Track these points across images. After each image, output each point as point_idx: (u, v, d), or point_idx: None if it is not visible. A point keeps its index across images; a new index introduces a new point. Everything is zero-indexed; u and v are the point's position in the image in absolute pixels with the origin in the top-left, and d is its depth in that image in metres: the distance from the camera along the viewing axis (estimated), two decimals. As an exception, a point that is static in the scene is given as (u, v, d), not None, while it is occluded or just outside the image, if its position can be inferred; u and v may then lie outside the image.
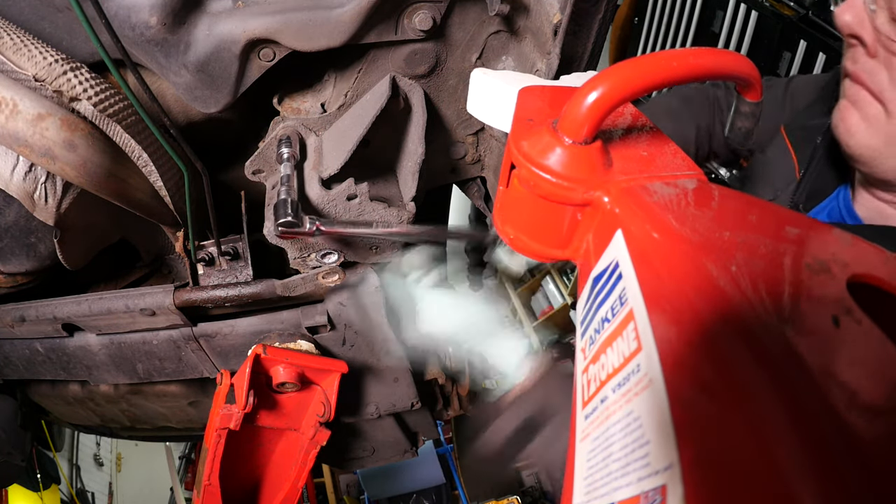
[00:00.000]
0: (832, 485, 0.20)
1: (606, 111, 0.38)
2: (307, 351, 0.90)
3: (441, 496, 3.96)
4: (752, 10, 2.52)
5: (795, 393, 0.23)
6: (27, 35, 0.66)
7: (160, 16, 0.65)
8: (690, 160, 0.44)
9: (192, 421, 1.19)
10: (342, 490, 4.13)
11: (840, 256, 0.30)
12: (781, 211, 0.38)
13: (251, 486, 1.03)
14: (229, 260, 0.86)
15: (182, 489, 4.26)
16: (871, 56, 0.61)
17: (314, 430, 0.94)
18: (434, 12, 0.69)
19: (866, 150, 0.64)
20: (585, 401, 0.37)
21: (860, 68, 0.63)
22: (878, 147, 0.63)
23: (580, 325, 0.41)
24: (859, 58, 0.63)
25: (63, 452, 4.12)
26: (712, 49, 0.40)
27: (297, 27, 0.67)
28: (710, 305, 0.27)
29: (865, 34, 0.60)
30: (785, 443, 0.21)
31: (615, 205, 0.39)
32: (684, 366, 0.27)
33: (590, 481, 0.33)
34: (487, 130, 0.87)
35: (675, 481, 0.25)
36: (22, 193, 0.71)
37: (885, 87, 0.60)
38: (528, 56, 0.75)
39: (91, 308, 0.88)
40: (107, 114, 0.66)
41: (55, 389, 1.15)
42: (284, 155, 0.75)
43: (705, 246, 0.31)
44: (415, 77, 0.78)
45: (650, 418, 0.28)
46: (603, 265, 0.38)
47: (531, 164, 0.41)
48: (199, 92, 0.71)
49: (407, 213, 0.78)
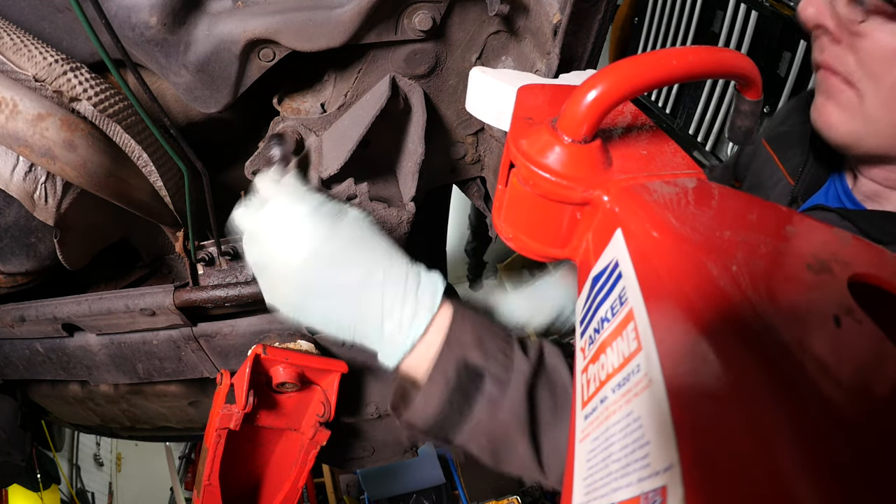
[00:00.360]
0: (833, 485, 0.20)
1: (606, 109, 0.38)
2: (307, 351, 0.90)
3: (441, 496, 3.96)
4: (752, 10, 2.52)
5: (796, 393, 0.23)
6: (27, 35, 0.66)
7: (160, 16, 0.65)
8: (690, 159, 0.44)
9: (192, 421, 1.19)
10: (342, 490, 4.13)
11: (841, 256, 0.30)
12: (782, 210, 0.37)
13: (251, 486, 1.03)
14: (229, 260, 0.86)
15: (182, 489, 4.26)
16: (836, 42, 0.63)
17: (314, 430, 0.94)
18: (434, 12, 0.69)
19: (847, 136, 0.66)
20: (585, 401, 0.37)
21: (828, 55, 0.65)
22: (857, 130, 0.65)
23: (580, 325, 0.41)
24: (826, 46, 0.65)
25: (63, 452, 4.13)
26: (712, 47, 0.40)
27: (297, 27, 0.67)
28: (711, 305, 0.27)
29: (829, 22, 0.63)
30: (785, 443, 0.21)
31: (615, 204, 0.39)
32: (684, 366, 0.27)
33: (590, 482, 0.33)
34: (487, 130, 0.87)
35: (676, 482, 0.25)
36: (22, 193, 0.71)
37: (854, 69, 0.62)
38: (527, 56, 0.75)
39: (91, 308, 0.88)
40: (107, 114, 0.66)
41: (55, 389, 1.15)
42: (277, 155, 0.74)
43: (705, 245, 0.31)
44: (415, 77, 0.78)
45: (650, 419, 0.28)
46: (602, 264, 0.38)
47: (530, 163, 0.41)
48: (199, 92, 0.71)
49: (407, 213, 0.78)
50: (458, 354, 0.52)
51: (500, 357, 0.53)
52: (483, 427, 0.53)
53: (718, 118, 2.83)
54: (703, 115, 2.92)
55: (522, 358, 0.55)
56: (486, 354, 0.53)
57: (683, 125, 3.07)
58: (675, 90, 3.11)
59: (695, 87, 2.94)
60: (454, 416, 0.53)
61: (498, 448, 0.54)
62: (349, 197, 0.75)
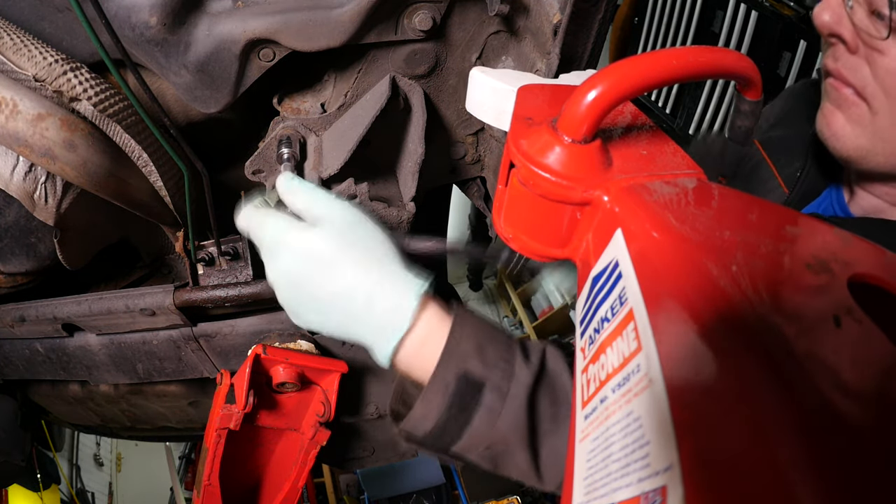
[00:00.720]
0: (833, 486, 0.20)
1: (606, 109, 0.38)
2: (307, 351, 0.90)
3: (441, 496, 3.96)
4: (752, 10, 2.52)
5: (796, 393, 0.23)
6: (27, 35, 0.66)
7: (160, 16, 0.65)
8: (690, 159, 0.44)
9: (192, 421, 1.19)
10: (342, 490, 4.13)
11: (841, 256, 0.30)
12: (782, 210, 0.37)
13: (251, 486, 1.03)
14: (229, 260, 0.86)
15: (182, 489, 4.26)
16: (851, 52, 0.61)
17: (314, 430, 0.94)
18: (434, 12, 0.69)
19: (854, 150, 0.64)
20: (585, 401, 0.37)
21: (842, 65, 0.63)
22: (865, 146, 0.63)
23: (579, 325, 0.41)
24: (840, 55, 0.63)
25: (63, 452, 4.12)
26: (712, 47, 0.40)
27: (297, 27, 0.67)
28: (711, 305, 0.27)
29: (845, 31, 0.60)
30: (786, 443, 0.21)
31: (615, 204, 0.39)
32: (684, 366, 0.27)
33: (589, 482, 0.33)
34: (487, 130, 0.87)
35: (676, 482, 0.25)
36: (22, 193, 0.71)
37: (868, 83, 0.60)
38: (527, 56, 0.75)
39: (91, 308, 0.88)
40: (107, 114, 0.66)
41: (55, 389, 1.15)
42: (285, 155, 0.75)
43: (705, 245, 0.31)
44: (415, 77, 0.78)
45: (650, 418, 0.28)
46: (602, 264, 0.38)
47: (530, 163, 0.41)
48: (199, 92, 0.71)
49: (407, 213, 0.78)
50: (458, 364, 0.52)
51: (501, 365, 0.53)
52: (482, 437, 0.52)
53: (718, 118, 2.83)
54: (703, 115, 2.92)
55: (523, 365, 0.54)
56: (487, 363, 0.52)
57: (683, 125, 3.07)
58: (675, 90, 3.11)
59: (695, 87, 2.94)
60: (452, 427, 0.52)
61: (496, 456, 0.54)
62: (349, 197, 0.75)
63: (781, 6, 2.41)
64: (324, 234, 0.55)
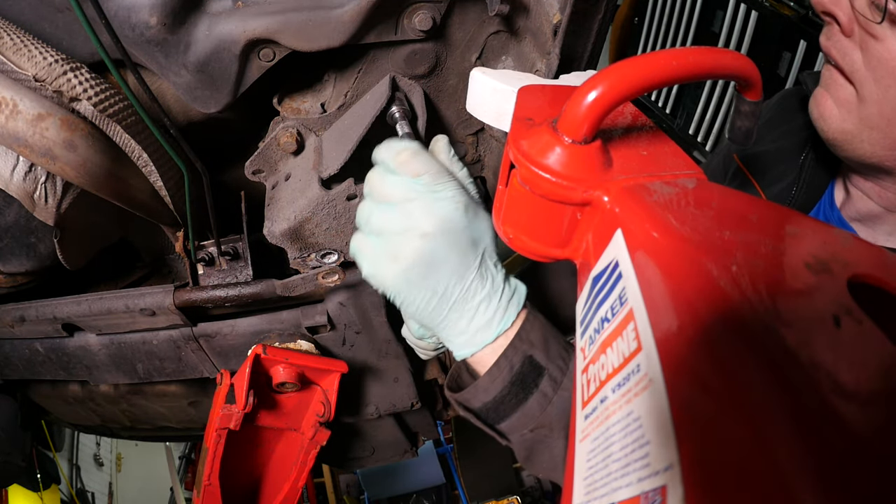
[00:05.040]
0: (833, 485, 0.20)
1: (606, 110, 0.38)
2: (307, 351, 0.90)
3: (441, 496, 3.96)
4: (752, 10, 2.52)
5: (795, 393, 0.23)
6: (27, 35, 0.66)
7: (160, 16, 0.65)
8: (690, 159, 0.44)
9: (192, 421, 1.19)
10: (342, 490, 4.13)
11: (840, 256, 0.30)
12: (782, 210, 0.37)
13: (251, 486, 1.03)
14: (229, 260, 0.86)
15: (182, 489, 4.26)
16: (845, 34, 0.61)
17: (314, 430, 0.94)
18: (434, 12, 0.69)
19: (839, 134, 0.65)
20: (585, 401, 0.37)
21: (833, 44, 0.63)
22: (851, 130, 0.64)
23: (580, 325, 0.41)
24: (833, 34, 0.63)
25: (63, 452, 4.13)
26: (712, 48, 0.40)
27: (297, 27, 0.67)
28: (711, 305, 0.27)
29: (840, 12, 0.61)
30: (785, 443, 0.21)
31: (615, 204, 0.39)
32: (684, 366, 0.27)
33: (590, 482, 0.33)
34: (487, 130, 0.87)
35: (675, 482, 0.25)
36: (22, 193, 0.71)
37: (858, 68, 0.60)
38: (527, 56, 0.75)
39: (91, 308, 0.88)
40: (107, 114, 0.66)
41: (55, 389, 1.15)
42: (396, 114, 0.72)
43: (705, 245, 0.31)
44: (415, 77, 0.78)
45: (650, 418, 0.28)
46: (603, 265, 0.38)
47: (530, 164, 0.41)
48: (199, 92, 0.71)
49: (407, 213, 0.78)
50: (526, 349, 0.56)
51: (559, 362, 0.57)
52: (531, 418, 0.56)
53: (718, 118, 2.83)
54: (703, 115, 2.92)
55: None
56: (549, 356, 0.57)
57: (683, 125, 3.07)
58: (675, 90, 3.11)
59: (695, 88, 2.94)
60: (509, 403, 0.57)
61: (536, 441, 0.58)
62: (349, 197, 0.75)
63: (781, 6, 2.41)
64: (485, 225, 0.57)
